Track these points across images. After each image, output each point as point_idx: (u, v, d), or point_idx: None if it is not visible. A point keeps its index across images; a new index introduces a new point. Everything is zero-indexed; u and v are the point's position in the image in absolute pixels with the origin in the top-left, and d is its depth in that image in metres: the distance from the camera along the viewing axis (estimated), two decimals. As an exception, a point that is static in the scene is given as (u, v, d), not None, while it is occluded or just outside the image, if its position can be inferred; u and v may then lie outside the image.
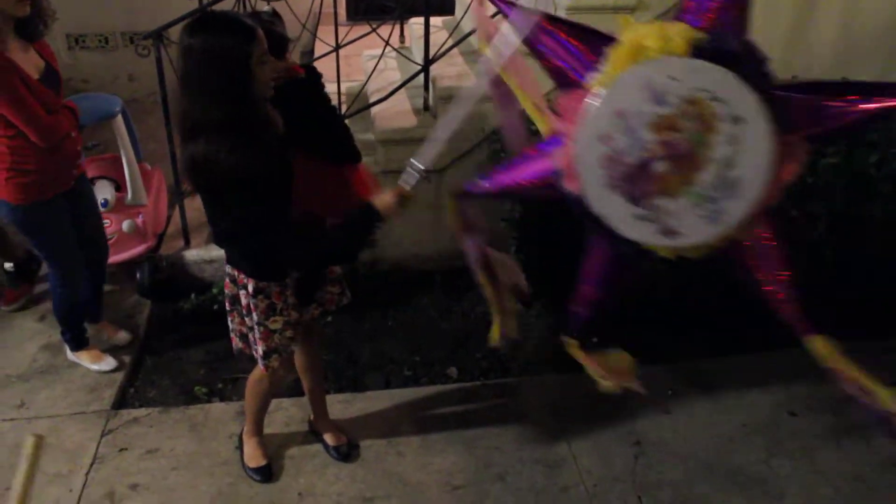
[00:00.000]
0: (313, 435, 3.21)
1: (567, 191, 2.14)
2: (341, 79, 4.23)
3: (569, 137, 2.09)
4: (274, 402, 3.32)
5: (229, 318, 2.72)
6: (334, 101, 4.09)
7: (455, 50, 4.32)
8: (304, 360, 3.00)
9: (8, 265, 3.80)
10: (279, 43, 2.51)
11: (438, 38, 4.26)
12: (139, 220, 4.08)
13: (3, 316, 3.94)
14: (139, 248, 4.11)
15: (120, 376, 3.54)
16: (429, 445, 3.18)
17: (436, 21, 4.75)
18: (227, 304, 2.69)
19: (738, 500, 2.96)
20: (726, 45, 1.96)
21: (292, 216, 2.32)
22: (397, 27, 5.26)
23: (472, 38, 4.53)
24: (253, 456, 3.05)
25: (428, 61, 4.14)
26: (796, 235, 3.25)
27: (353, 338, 3.80)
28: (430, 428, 3.27)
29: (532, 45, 2.24)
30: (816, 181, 3.18)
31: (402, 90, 4.26)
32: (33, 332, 3.83)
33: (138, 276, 4.04)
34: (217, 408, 3.38)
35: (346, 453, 3.12)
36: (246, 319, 2.64)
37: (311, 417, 3.23)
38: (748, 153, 1.97)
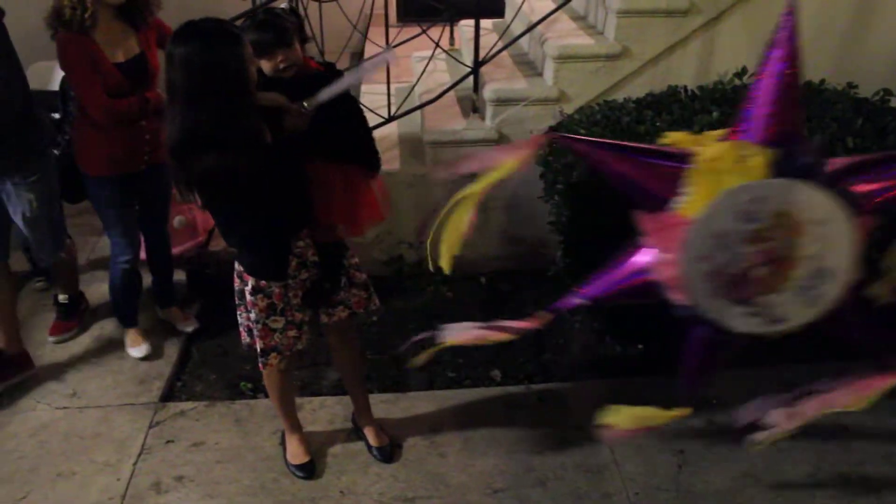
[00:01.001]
0: (356, 433, 3.22)
1: (671, 299, 2.33)
2: (391, 80, 4.24)
3: (668, 257, 2.26)
4: (318, 400, 3.37)
5: (238, 313, 2.78)
6: (382, 103, 4.14)
7: (504, 52, 4.32)
8: (341, 360, 3.05)
9: (62, 297, 3.85)
10: (279, 35, 2.54)
11: (488, 40, 4.26)
12: (190, 216, 4.14)
13: (57, 307, 4.03)
14: (189, 244, 4.17)
15: (168, 369, 3.61)
16: (471, 447, 3.18)
17: (486, 23, 4.75)
18: (235, 300, 2.75)
19: (784, 512, 2.91)
20: (799, 161, 2.20)
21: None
22: (447, 29, 5.27)
23: (522, 41, 4.53)
24: (295, 453, 3.08)
25: (478, 63, 4.14)
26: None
27: (397, 338, 3.81)
28: (473, 430, 3.27)
29: (601, 165, 2.40)
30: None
31: (451, 92, 4.27)
32: (86, 324, 3.93)
33: (188, 271, 4.11)
34: (262, 403, 3.41)
35: (389, 454, 3.12)
36: (249, 315, 2.69)
37: (354, 413, 3.24)
38: (835, 244, 2.23)
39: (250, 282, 2.58)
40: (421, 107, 4.24)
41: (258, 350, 2.74)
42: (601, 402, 3.41)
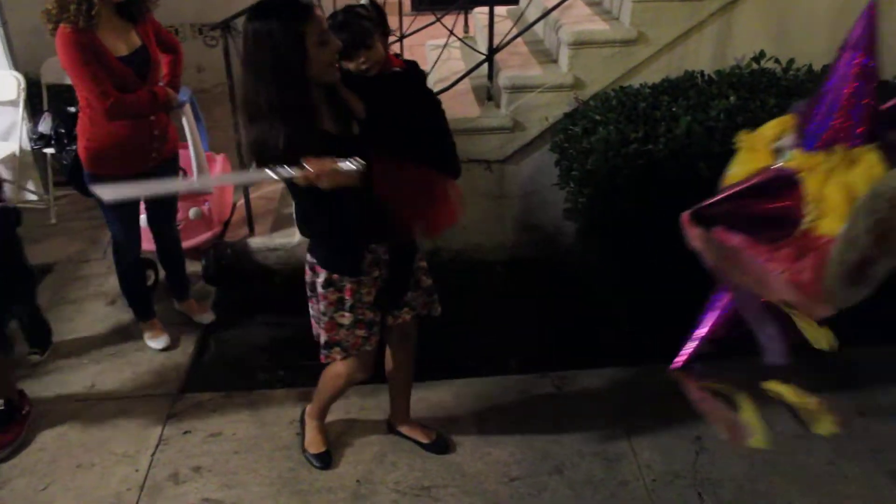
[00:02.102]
0: (395, 433, 3.19)
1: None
2: (405, 68, 4.23)
3: (806, 275, 2.14)
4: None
5: (309, 305, 2.70)
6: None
7: (519, 39, 4.30)
8: (396, 361, 2.99)
9: None
10: (357, 37, 2.51)
11: (502, 27, 4.24)
12: (205, 208, 4.15)
13: (76, 300, 4.06)
14: (205, 235, 4.19)
15: (185, 361, 3.63)
16: (487, 436, 3.17)
17: (500, 10, 4.73)
18: (307, 291, 2.67)
19: (802, 499, 2.88)
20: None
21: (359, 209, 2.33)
22: (461, 17, 5.25)
23: (536, 28, 4.51)
24: (313, 442, 3.08)
25: (492, 50, 4.12)
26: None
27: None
28: (489, 418, 3.27)
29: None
30: None
31: (466, 80, 4.25)
32: (104, 316, 3.95)
33: (204, 262, 4.13)
34: (279, 394, 3.42)
35: (444, 445, 3.11)
36: (318, 306, 2.62)
37: (391, 418, 3.20)
38: None
39: (322, 274, 2.52)
40: (436, 95, 4.21)
41: (322, 342, 2.67)
42: (617, 391, 3.42)
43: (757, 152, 2.30)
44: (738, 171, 2.30)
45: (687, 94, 3.58)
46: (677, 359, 2.52)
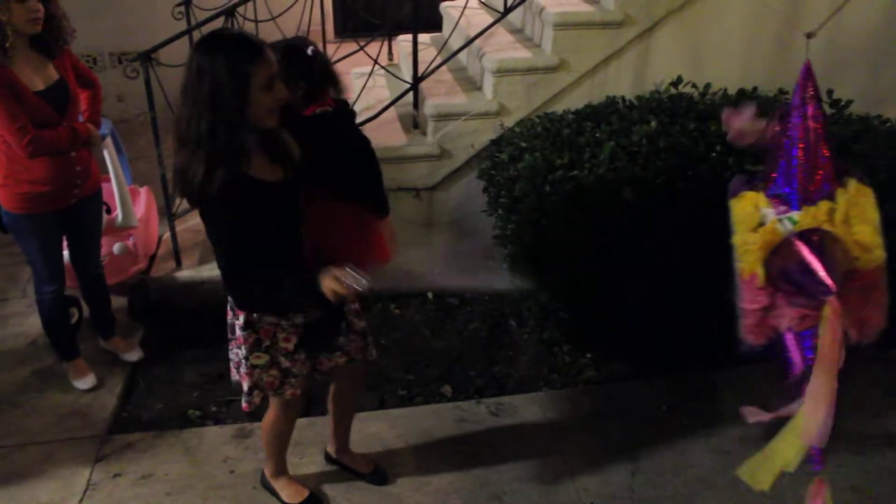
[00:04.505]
0: (335, 465, 3.16)
1: None
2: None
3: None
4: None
5: (229, 348, 2.64)
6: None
7: (443, 67, 4.33)
8: (337, 395, 2.96)
9: None
10: (322, 77, 2.48)
11: (427, 55, 4.27)
12: (130, 243, 4.06)
13: (-6, 341, 3.92)
14: (131, 271, 4.09)
15: (113, 401, 3.52)
16: (425, 465, 3.16)
17: (423, 38, 4.78)
18: (228, 332, 2.62)
19: (737, 514, 2.95)
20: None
21: (289, 251, 2.32)
22: (385, 44, 5.27)
23: (460, 56, 4.55)
24: (292, 493, 2.97)
25: (417, 79, 4.15)
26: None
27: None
28: (426, 448, 3.26)
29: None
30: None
31: (392, 108, 4.27)
32: (25, 357, 3.81)
33: (129, 298, 4.03)
34: (211, 431, 3.35)
35: (384, 476, 3.08)
36: (238, 351, 2.57)
37: (331, 450, 3.15)
38: None
39: (241, 316, 2.46)
40: (362, 124, 4.22)
41: (244, 389, 2.58)
42: (552, 414, 3.45)
43: (747, 224, 2.31)
44: (747, 247, 2.29)
45: (609, 119, 3.66)
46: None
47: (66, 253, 3.49)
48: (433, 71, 4.17)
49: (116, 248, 4.00)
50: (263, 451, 2.96)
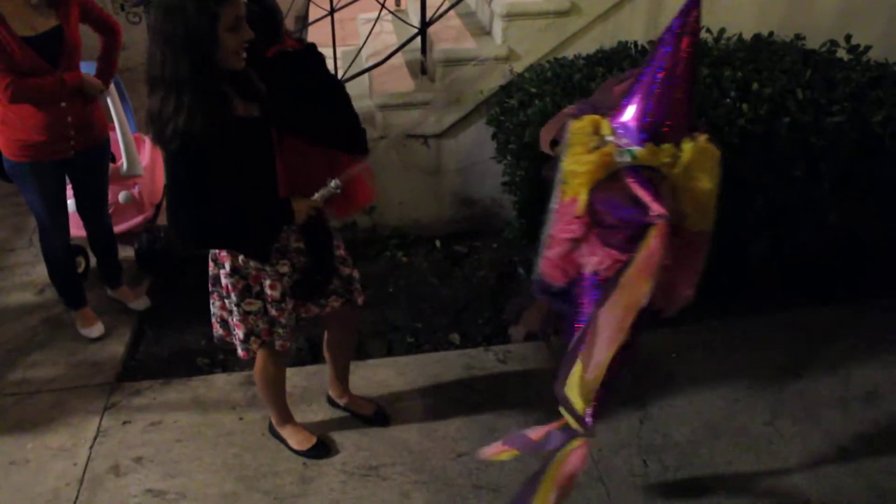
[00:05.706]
0: (337, 408, 3.18)
1: None
2: (336, 43, 4.15)
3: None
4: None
5: (211, 301, 2.61)
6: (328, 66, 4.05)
7: (452, 12, 4.24)
8: (332, 342, 2.96)
9: None
10: (268, 20, 2.43)
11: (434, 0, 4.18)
12: (135, 191, 4.03)
13: (2, 291, 3.92)
14: (137, 219, 4.08)
15: (121, 349, 3.53)
16: (433, 412, 3.17)
17: (432, -18, 4.67)
18: (209, 286, 2.59)
19: (744, 461, 2.95)
20: None
21: (261, 192, 2.30)
22: (393, -11, 5.18)
23: (469, 0, 4.46)
24: (300, 440, 3.00)
25: (425, 24, 4.07)
26: (801, 196, 3.23)
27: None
28: (434, 395, 3.26)
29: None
30: (820, 140, 3.13)
31: (400, 54, 4.19)
32: (34, 307, 3.82)
33: (136, 247, 4.02)
34: (219, 378, 3.36)
35: (385, 416, 3.11)
36: (226, 302, 2.54)
37: (332, 394, 3.17)
38: None
39: (227, 263, 2.43)
40: (368, 70, 4.16)
41: (240, 338, 2.56)
42: (559, 361, 3.44)
43: (583, 146, 2.08)
44: (576, 168, 2.08)
45: (621, 65, 3.59)
46: None
47: (71, 202, 3.46)
48: (441, 15, 4.07)
49: (122, 196, 3.98)
50: (265, 400, 2.97)
